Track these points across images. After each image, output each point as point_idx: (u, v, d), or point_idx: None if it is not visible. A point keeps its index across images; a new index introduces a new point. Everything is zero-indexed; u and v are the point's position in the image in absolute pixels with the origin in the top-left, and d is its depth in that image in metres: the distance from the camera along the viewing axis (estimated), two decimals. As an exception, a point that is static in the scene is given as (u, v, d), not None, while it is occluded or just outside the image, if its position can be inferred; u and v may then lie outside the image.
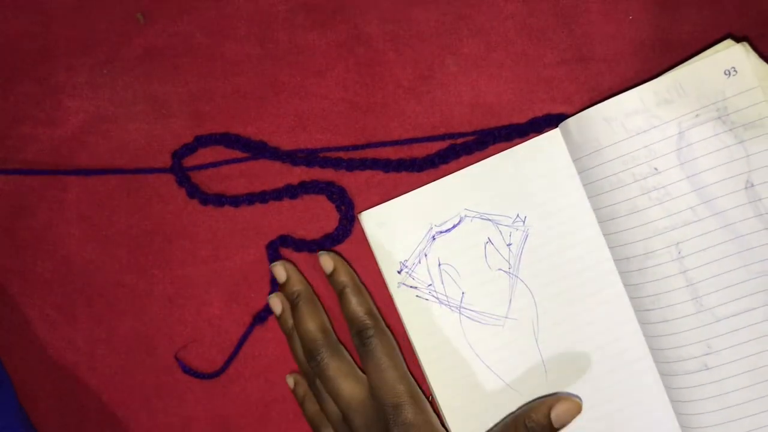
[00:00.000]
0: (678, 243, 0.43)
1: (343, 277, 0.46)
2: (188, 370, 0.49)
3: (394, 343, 0.46)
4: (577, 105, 0.47)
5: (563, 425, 0.41)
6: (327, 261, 0.46)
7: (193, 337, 0.49)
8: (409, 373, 0.46)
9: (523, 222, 0.47)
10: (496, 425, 0.45)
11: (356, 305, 0.45)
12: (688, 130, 0.42)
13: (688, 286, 0.43)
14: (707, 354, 0.43)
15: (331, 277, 0.47)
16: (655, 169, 0.43)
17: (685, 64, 0.43)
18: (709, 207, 0.42)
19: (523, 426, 0.42)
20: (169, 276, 0.49)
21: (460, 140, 0.48)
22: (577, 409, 0.41)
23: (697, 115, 0.42)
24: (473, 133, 0.48)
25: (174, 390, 0.49)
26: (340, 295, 0.46)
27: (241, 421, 0.49)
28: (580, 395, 0.46)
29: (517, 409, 0.46)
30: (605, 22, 0.47)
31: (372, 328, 0.45)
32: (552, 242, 0.47)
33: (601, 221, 0.45)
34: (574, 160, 0.46)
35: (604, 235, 0.46)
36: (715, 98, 0.42)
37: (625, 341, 0.46)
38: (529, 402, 0.46)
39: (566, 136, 0.46)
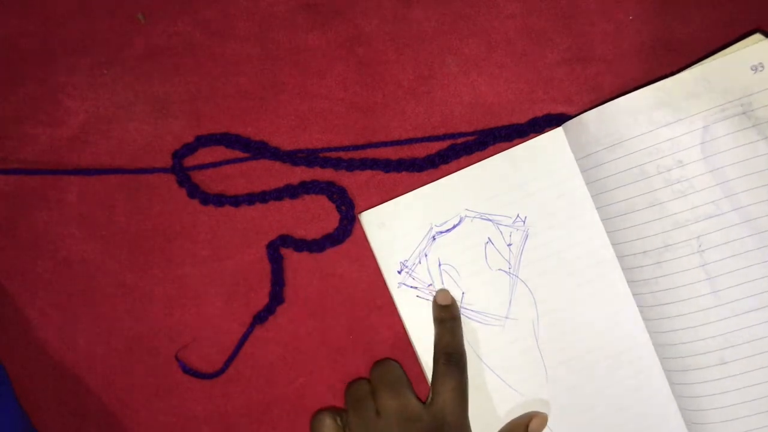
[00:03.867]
0: (699, 236, 0.43)
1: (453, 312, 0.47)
2: (188, 370, 0.49)
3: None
4: (577, 105, 0.47)
5: None
6: (446, 296, 0.47)
7: (193, 337, 0.49)
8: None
9: (524, 222, 0.47)
10: None
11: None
12: (713, 124, 0.42)
13: (707, 279, 0.43)
14: (724, 348, 0.43)
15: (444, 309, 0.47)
16: (679, 161, 0.43)
17: (712, 57, 0.43)
18: (732, 201, 0.42)
19: None
20: (169, 276, 0.49)
21: (460, 140, 0.48)
22: (545, 423, 0.46)
23: (722, 110, 0.42)
24: (473, 133, 0.48)
25: (174, 390, 0.49)
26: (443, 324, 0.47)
27: (241, 421, 0.49)
28: (580, 395, 0.47)
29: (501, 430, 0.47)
30: (605, 22, 0.47)
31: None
32: (552, 242, 0.47)
33: (609, 218, 0.45)
34: (579, 159, 0.46)
35: (610, 232, 0.46)
36: (741, 93, 0.42)
37: (626, 341, 0.46)
38: (505, 425, 0.47)
39: (574, 133, 0.46)
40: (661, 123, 0.43)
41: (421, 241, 0.47)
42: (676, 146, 0.43)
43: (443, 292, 0.47)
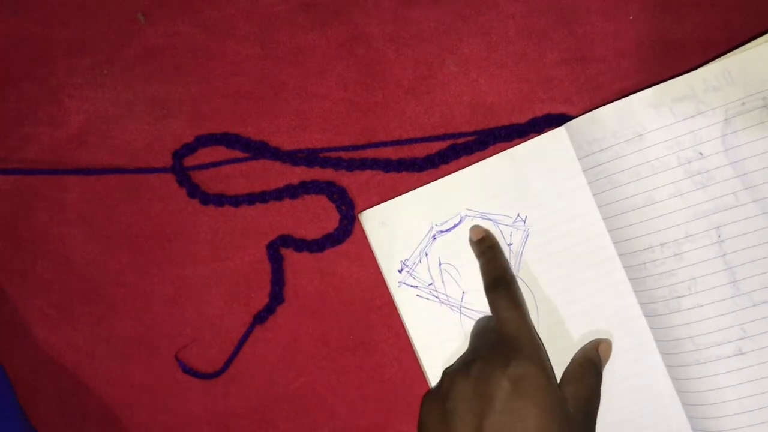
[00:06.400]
0: (718, 227, 0.43)
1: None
2: (188, 370, 0.49)
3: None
4: (577, 105, 0.47)
5: (607, 360, 0.46)
6: (477, 231, 0.48)
7: (193, 337, 0.49)
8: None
9: (524, 222, 0.47)
10: (566, 372, 0.46)
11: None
12: (733, 117, 0.43)
13: (726, 269, 0.43)
14: (742, 339, 0.43)
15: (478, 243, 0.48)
16: (700, 153, 0.43)
17: (734, 51, 0.44)
18: (751, 193, 0.43)
19: (589, 364, 0.45)
20: (169, 276, 0.49)
21: (460, 140, 0.48)
22: (611, 348, 0.47)
23: (743, 103, 0.43)
24: (473, 133, 0.48)
25: (174, 390, 0.49)
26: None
27: (241, 421, 0.49)
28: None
29: (574, 356, 0.46)
30: (605, 22, 0.47)
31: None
32: (553, 242, 0.47)
33: (616, 215, 0.45)
34: (582, 158, 0.46)
35: (614, 230, 0.45)
36: (762, 87, 0.43)
37: (628, 340, 0.46)
38: (578, 352, 0.46)
39: (580, 131, 0.46)
40: (683, 115, 0.44)
41: (421, 240, 0.47)
42: (697, 138, 0.43)
43: (475, 228, 0.47)
